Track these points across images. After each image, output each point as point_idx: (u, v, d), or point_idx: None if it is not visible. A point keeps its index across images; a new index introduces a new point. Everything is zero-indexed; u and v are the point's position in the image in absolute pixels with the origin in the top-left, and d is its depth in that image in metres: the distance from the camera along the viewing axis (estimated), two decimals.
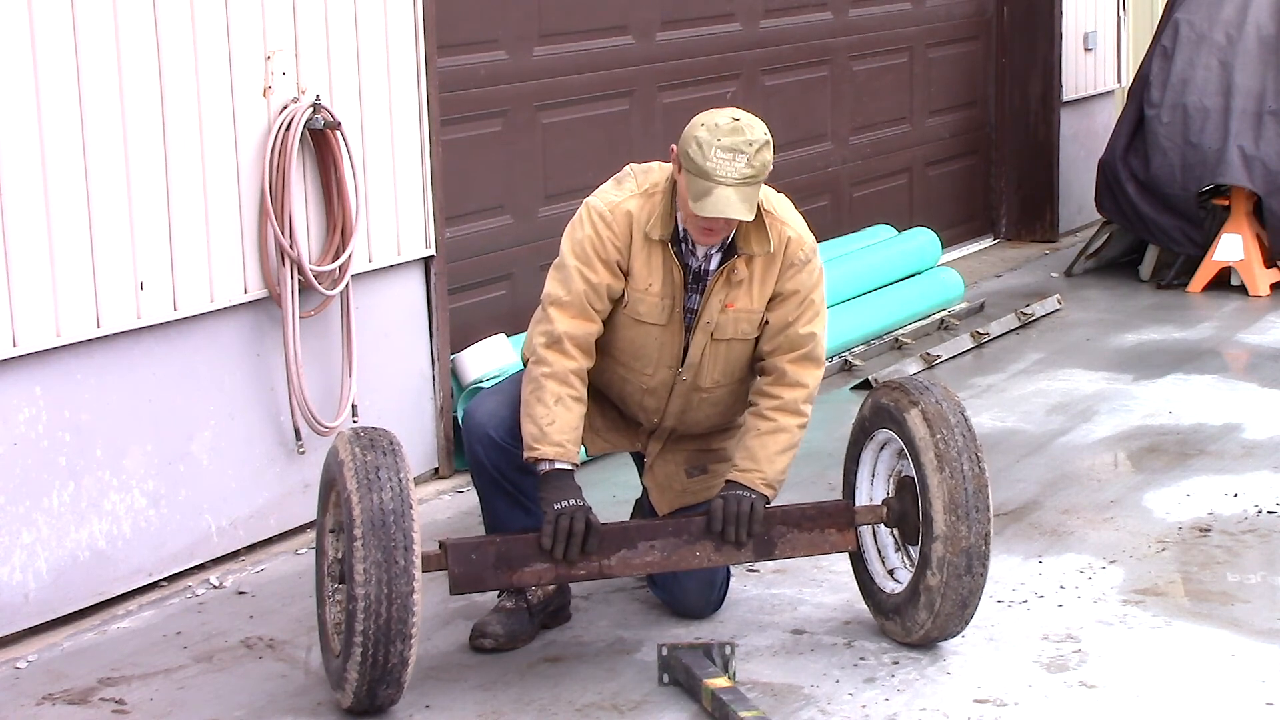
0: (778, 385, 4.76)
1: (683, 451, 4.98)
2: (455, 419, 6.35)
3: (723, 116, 4.48)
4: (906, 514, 4.75)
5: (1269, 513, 5.86)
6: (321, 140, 5.72)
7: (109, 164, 5.10)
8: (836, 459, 5.46)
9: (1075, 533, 5.73)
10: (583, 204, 4.71)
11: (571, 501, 4.53)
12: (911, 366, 7.68)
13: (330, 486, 4.46)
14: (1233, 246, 9.10)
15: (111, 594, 5.26)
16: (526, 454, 4.59)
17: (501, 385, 4.94)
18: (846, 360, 7.76)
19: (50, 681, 4.74)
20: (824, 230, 8.16)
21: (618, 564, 4.63)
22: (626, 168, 4.75)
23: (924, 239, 8.78)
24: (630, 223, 4.63)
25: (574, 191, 6.47)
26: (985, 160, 10.35)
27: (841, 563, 5.19)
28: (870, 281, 8.27)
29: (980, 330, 8.28)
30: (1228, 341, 8.24)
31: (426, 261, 6.25)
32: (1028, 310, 8.64)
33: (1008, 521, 5.81)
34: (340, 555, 4.39)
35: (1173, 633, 4.93)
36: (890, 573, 4.89)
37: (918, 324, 8.37)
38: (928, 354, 7.86)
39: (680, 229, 4.65)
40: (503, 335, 6.57)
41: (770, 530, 4.72)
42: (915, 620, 4.72)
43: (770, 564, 5.29)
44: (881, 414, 4.83)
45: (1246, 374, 7.69)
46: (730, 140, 4.42)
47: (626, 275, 4.66)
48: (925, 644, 4.78)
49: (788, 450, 4.73)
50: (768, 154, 4.48)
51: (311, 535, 5.59)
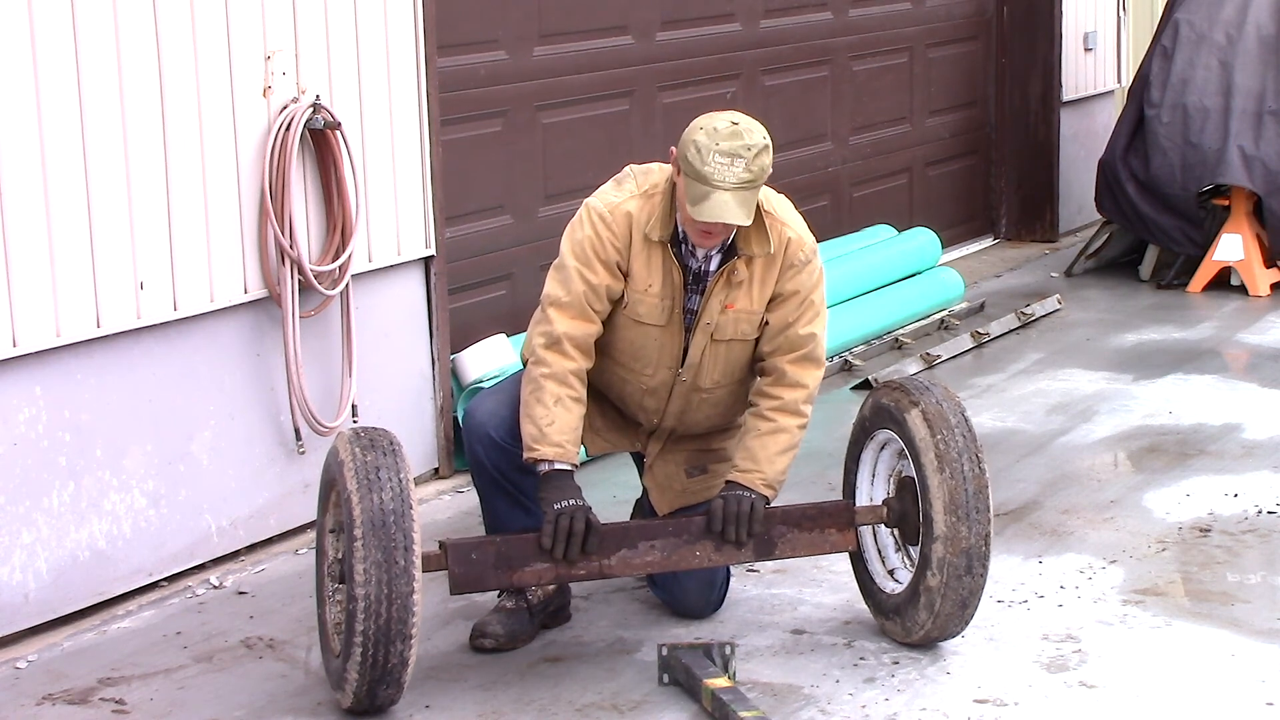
0: (778, 386, 4.76)
1: (682, 451, 4.98)
2: (455, 419, 6.35)
3: (722, 120, 4.47)
4: (907, 514, 4.75)
5: (1269, 513, 5.86)
6: (321, 140, 5.72)
7: (109, 164, 5.10)
8: (836, 459, 5.46)
9: (1075, 533, 5.73)
10: (582, 205, 4.71)
11: (571, 501, 4.53)
12: (911, 366, 7.68)
13: (330, 486, 4.46)
14: (1233, 246, 9.09)
15: (111, 594, 5.26)
16: (526, 454, 4.59)
17: (501, 385, 4.94)
18: (846, 360, 7.76)
19: (50, 681, 4.74)
20: (824, 230, 8.16)
21: (618, 564, 4.63)
22: (626, 168, 4.74)
23: (924, 239, 8.77)
24: (630, 223, 4.63)
25: (574, 191, 6.47)
26: (985, 160, 10.34)
27: (841, 563, 5.19)
28: (870, 281, 8.27)
29: (980, 330, 8.28)
30: (1228, 341, 8.24)
31: (426, 261, 6.25)
32: (1028, 310, 8.64)
33: (1008, 521, 5.81)
34: (340, 555, 4.39)
35: (1173, 633, 4.93)
36: (890, 573, 4.89)
37: (918, 324, 8.37)
38: (928, 354, 7.86)
39: (680, 230, 4.65)
40: (503, 335, 6.56)
41: (770, 530, 4.72)
42: (915, 620, 4.71)
43: (770, 564, 5.29)
44: (882, 414, 4.83)
45: (1246, 374, 7.69)
46: (729, 145, 4.42)
47: (626, 276, 4.66)
48: (925, 644, 4.78)
49: (788, 451, 4.73)
50: (766, 158, 4.47)
51: (311, 535, 5.59)
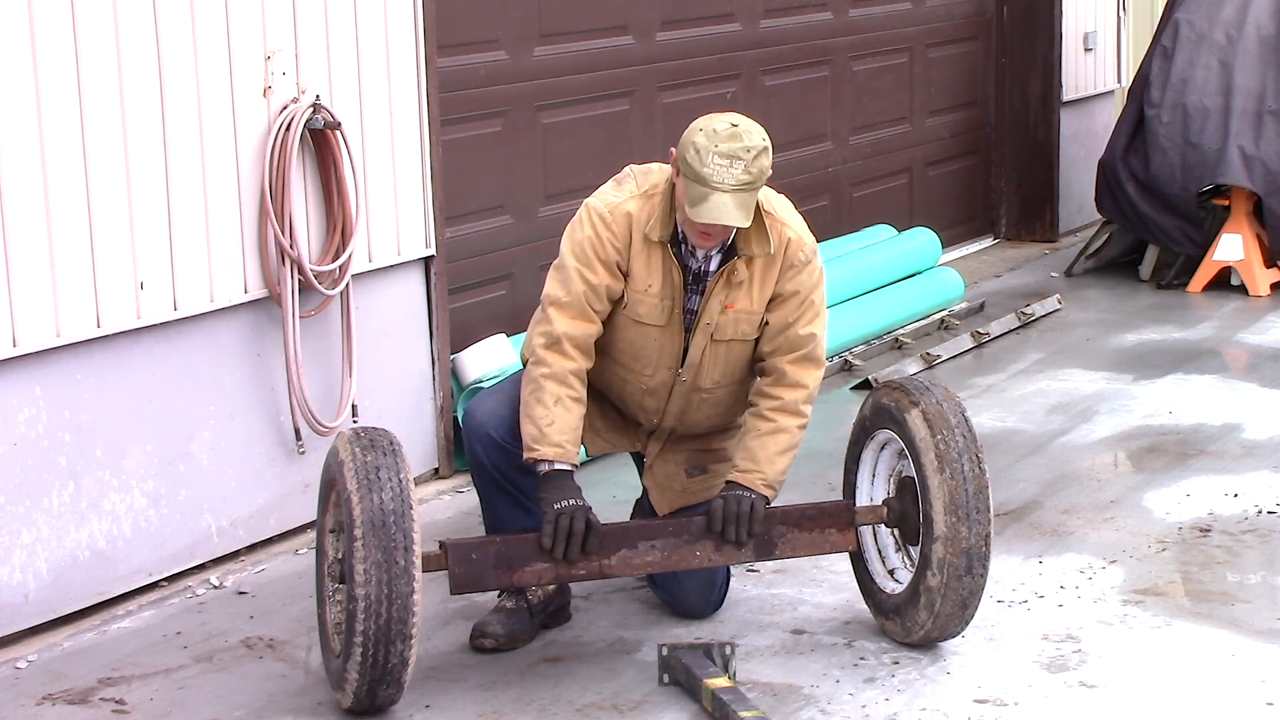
0: (778, 386, 4.76)
1: (682, 451, 4.98)
2: (455, 419, 6.35)
3: (721, 122, 4.47)
4: (907, 514, 4.75)
5: (1269, 513, 5.86)
6: (321, 140, 5.72)
7: (109, 164, 5.10)
8: (836, 459, 5.46)
9: (1075, 533, 5.73)
10: (582, 205, 4.71)
11: (571, 501, 4.53)
12: (911, 366, 7.68)
13: (330, 486, 4.46)
14: (1233, 246, 9.09)
15: (111, 594, 5.26)
16: (526, 455, 4.59)
17: (501, 385, 4.94)
18: (846, 360, 7.76)
19: (50, 681, 4.74)
20: (824, 230, 8.16)
21: (618, 564, 4.63)
22: (626, 169, 4.74)
23: (924, 239, 8.77)
24: (630, 224, 4.63)
25: (574, 191, 6.47)
26: (985, 160, 10.34)
27: (841, 563, 5.19)
28: (870, 281, 8.27)
29: (980, 330, 8.28)
30: (1228, 341, 8.24)
31: (426, 261, 6.25)
32: (1028, 310, 8.64)
33: (1008, 521, 5.81)
34: (340, 555, 4.39)
35: (1173, 633, 4.93)
36: (890, 573, 4.89)
37: (918, 324, 8.37)
38: (928, 354, 7.86)
39: (680, 230, 4.65)
40: (503, 335, 6.56)
41: (770, 530, 4.72)
42: (915, 620, 4.71)
43: (770, 564, 5.29)
44: (882, 414, 4.83)
45: (1246, 374, 7.69)
46: (728, 146, 4.41)
47: (626, 276, 4.66)
48: (925, 644, 4.78)
49: (788, 451, 4.73)
50: (766, 160, 4.47)
51: (311, 535, 5.59)
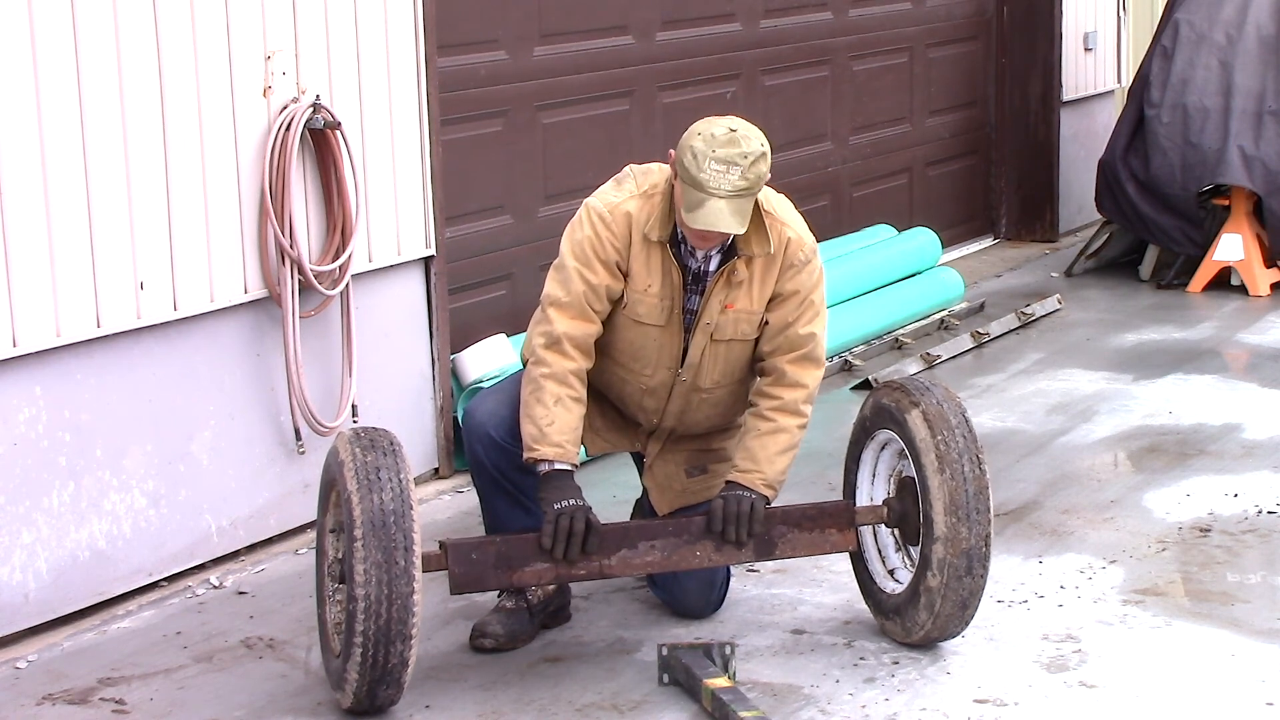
0: (777, 386, 4.76)
1: (682, 451, 4.98)
2: (455, 419, 6.35)
3: (720, 127, 4.46)
4: (907, 514, 4.75)
5: (1269, 513, 5.86)
6: (321, 140, 5.72)
7: (109, 164, 5.10)
8: (836, 459, 5.46)
9: (1075, 533, 5.73)
10: (582, 205, 4.71)
11: (571, 501, 4.53)
12: (911, 366, 7.68)
13: (330, 487, 4.46)
14: (1233, 246, 9.09)
15: (111, 594, 5.25)
16: (526, 455, 4.59)
17: (501, 385, 4.94)
18: (846, 360, 7.76)
19: (50, 681, 4.74)
20: (824, 230, 8.16)
21: (618, 564, 4.63)
22: (626, 169, 4.74)
23: (924, 239, 8.77)
24: (629, 224, 4.63)
25: (574, 191, 6.47)
26: (985, 160, 10.34)
27: (841, 563, 5.19)
28: (870, 281, 8.27)
29: (980, 330, 8.28)
30: (1228, 341, 8.24)
31: (426, 261, 6.25)
32: (1028, 310, 8.64)
33: (1008, 521, 5.81)
34: (340, 555, 4.39)
35: (1173, 633, 4.93)
36: (891, 573, 4.88)
37: (918, 324, 8.37)
38: (928, 354, 7.86)
39: (679, 230, 4.65)
40: (503, 335, 6.56)
41: (770, 530, 4.72)
42: (915, 621, 4.71)
43: (770, 564, 5.29)
44: (882, 414, 4.82)
45: (1246, 374, 7.69)
46: (725, 152, 4.41)
47: (626, 276, 4.66)
48: (925, 644, 4.78)
49: (788, 450, 4.73)
50: (763, 166, 4.46)
51: (311, 535, 5.59)
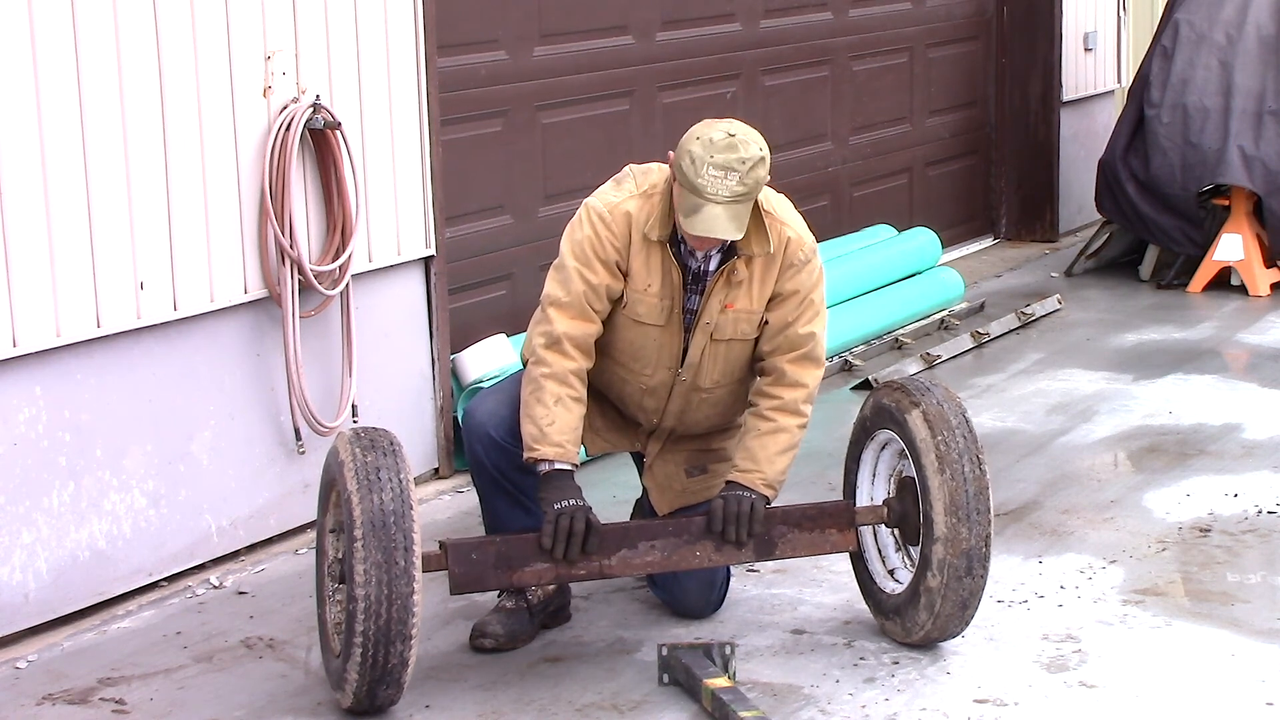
0: (777, 385, 4.76)
1: (682, 451, 4.98)
2: (455, 419, 6.35)
3: (718, 131, 4.46)
4: (907, 514, 4.75)
5: (1269, 513, 5.86)
6: (321, 140, 5.72)
7: (109, 164, 5.10)
8: (836, 459, 5.46)
9: (1075, 533, 5.73)
10: (582, 205, 4.71)
11: (571, 501, 4.53)
12: (911, 366, 7.68)
13: (330, 487, 4.46)
14: (1233, 246, 9.09)
15: (111, 594, 5.25)
16: (526, 454, 4.59)
17: (502, 385, 4.94)
18: (846, 360, 7.76)
19: (50, 681, 4.74)
20: (824, 230, 8.16)
21: (618, 564, 4.63)
22: (626, 168, 4.74)
23: (924, 239, 8.77)
24: (629, 223, 4.63)
25: (574, 191, 6.47)
26: (985, 160, 10.34)
27: (841, 563, 5.19)
28: (870, 281, 8.27)
29: (980, 330, 8.28)
30: (1228, 341, 8.24)
31: (426, 261, 6.25)
32: (1028, 310, 8.64)
33: (1008, 521, 5.81)
34: (340, 555, 4.39)
35: (1173, 633, 4.93)
36: (891, 573, 4.88)
37: (918, 324, 8.37)
38: (928, 354, 7.86)
39: (678, 230, 4.64)
40: (503, 335, 6.56)
41: (771, 530, 4.71)
42: (915, 621, 4.71)
43: (770, 564, 5.29)
44: (883, 414, 4.82)
45: (1246, 374, 7.69)
46: (723, 158, 4.41)
47: (626, 276, 4.66)
48: (925, 644, 4.78)
49: (788, 450, 4.73)
50: (761, 170, 4.46)
51: (311, 535, 5.59)
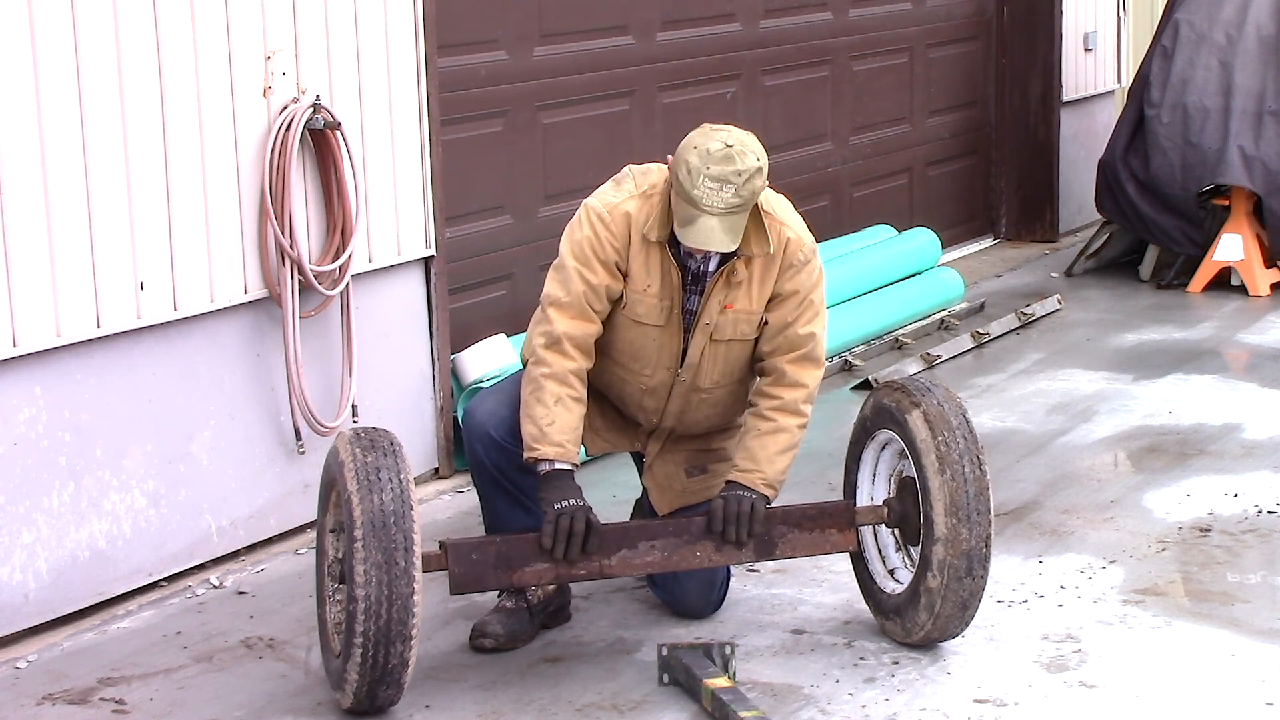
0: (777, 386, 4.76)
1: (682, 451, 4.98)
2: (455, 419, 6.35)
3: (716, 141, 4.45)
4: (908, 515, 4.75)
5: (1269, 513, 5.86)
6: (321, 140, 5.72)
7: (109, 164, 5.10)
8: (836, 459, 5.46)
9: (1075, 533, 5.73)
10: (581, 205, 4.71)
11: (571, 501, 4.53)
12: (911, 366, 7.68)
13: (330, 487, 4.46)
14: (1233, 246, 9.09)
15: (111, 594, 5.25)
16: (526, 454, 4.59)
17: (502, 384, 4.94)
18: (846, 360, 7.76)
19: (50, 681, 4.74)
20: (824, 230, 8.16)
21: (618, 564, 4.63)
22: (625, 169, 4.74)
23: (924, 239, 8.77)
24: (629, 224, 4.63)
25: (574, 191, 6.47)
26: (985, 160, 10.34)
27: (841, 563, 5.19)
28: (870, 281, 8.27)
29: (980, 330, 8.28)
30: (1228, 341, 8.24)
31: (426, 261, 6.25)
32: (1028, 310, 8.63)
33: (1008, 522, 5.81)
34: (340, 555, 4.39)
35: (1173, 633, 4.93)
36: (891, 573, 4.88)
37: (918, 324, 8.37)
38: (928, 354, 7.86)
39: None
40: (503, 335, 6.56)
41: (771, 530, 4.72)
42: (915, 621, 4.71)
43: (770, 564, 5.29)
44: (883, 414, 4.82)
45: (1246, 374, 7.69)
46: (719, 170, 4.40)
47: (625, 276, 4.66)
48: (925, 644, 4.78)
49: (788, 450, 4.73)
50: (758, 181, 4.45)
51: (311, 535, 5.59)
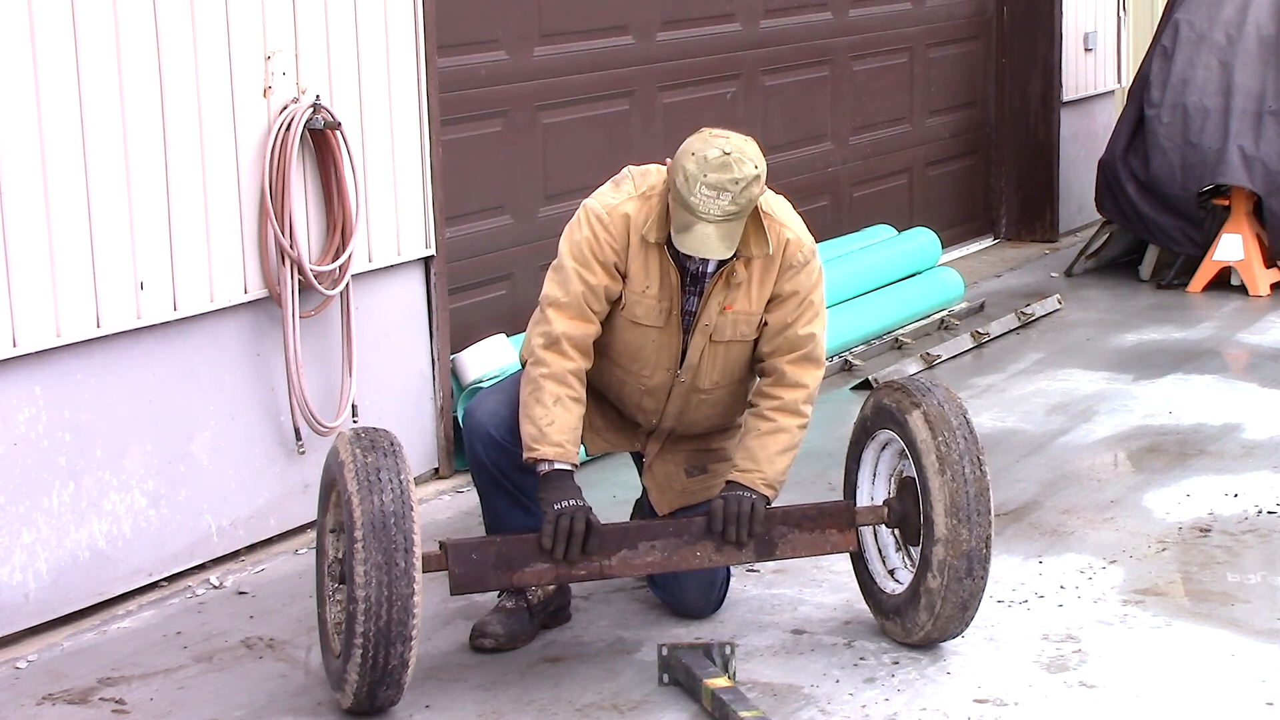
0: (777, 386, 4.76)
1: (682, 451, 4.98)
2: (455, 419, 6.35)
3: (714, 148, 4.44)
4: (908, 515, 4.75)
5: (1269, 513, 5.86)
6: (321, 140, 5.72)
7: (109, 164, 5.10)
8: (836, 459, 5.46)
9: (1075, 533, 5.73)
10: (580, 206, 4.71)
11: (571, 502, 4.53)
12: (911, 366, 7.68)
13: (331, 487, 4.46)
14: (1233, 246, 9.09)
15: (111, 594, 5.25)
16: (526, 455, 4.59)
17: (502, 384, 4.94)
18: (846, 360, 7.76)
19: (50, 681, 4.74)
20: (824, 230, 8.16)
21: (618, 564, 4.63)
22: (624, 170, 4.74)
23: (924, 239, 8.77)
24: (628, 225, 4.62)
25: (574, 191, 6.47)
26: (985, 160, 10.34)
27: (841, 563, 5.19)
28: (870, 281, 8.27)
29: (980, 330, 8.28)
30: (1228, 341, 8.24)
31: (426, 261, 6.25)
32: (1028, 310, 8.63)
33: (1008, 522, 5.81)
34: (340, 556, 4.39)
35: (1173, 633, 4.93)
36: (891, 573, 4.88)
37: (918, 324, 8.37)
38: (928, 354, 7.86)
39: None
40: (503, 335, 6.56)
41: (771, 530, 4.71)
42: (915, 621, 4.71)
43: (770, 564, 5.29)
44: (883, 414, 4.82)
45: (1246, 374, 7.69)
46: (716, 177, 4.40)
47: (624, 277, 4.66)
48: (925, 644, 4.78)
49: (788, 450, 4.73)
50: (755, 189, 4.45)
51: (311, 535, 5.59)
